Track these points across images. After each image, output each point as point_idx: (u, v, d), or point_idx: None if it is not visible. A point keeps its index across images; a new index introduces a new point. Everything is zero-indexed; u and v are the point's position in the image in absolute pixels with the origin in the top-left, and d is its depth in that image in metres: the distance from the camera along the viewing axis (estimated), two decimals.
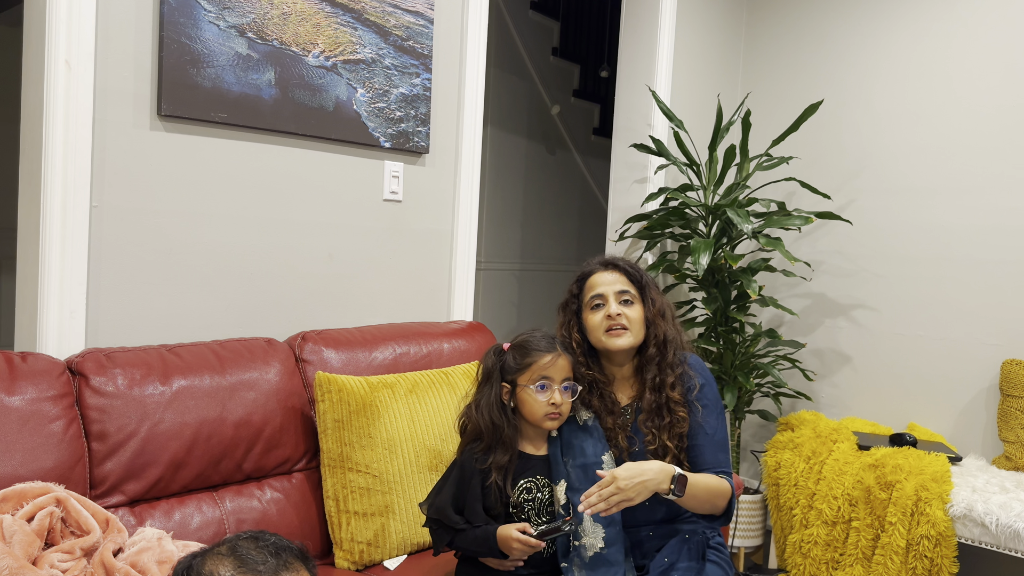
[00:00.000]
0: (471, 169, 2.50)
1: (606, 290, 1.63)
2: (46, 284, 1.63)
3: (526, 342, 1.57)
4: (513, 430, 1.55)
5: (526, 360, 1.55)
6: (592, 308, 1.63)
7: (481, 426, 1.54)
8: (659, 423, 1.59)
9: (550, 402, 1.54)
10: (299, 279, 2.09)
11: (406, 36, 2.24)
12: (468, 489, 1.52)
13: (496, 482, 1.51)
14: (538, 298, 4.41)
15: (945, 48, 2.99)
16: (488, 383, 1.57)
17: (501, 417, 1.54)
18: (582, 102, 4.65)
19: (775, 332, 2.97)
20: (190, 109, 1.81)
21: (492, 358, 1.59)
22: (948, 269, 2.97)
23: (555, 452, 1.60)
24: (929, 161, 3.02)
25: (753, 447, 3.47)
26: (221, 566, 0.94)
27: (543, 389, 1.54)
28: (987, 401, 2.87)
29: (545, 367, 1.54)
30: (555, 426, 1.58)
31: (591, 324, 1.63)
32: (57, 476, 1.43)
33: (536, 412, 1.55)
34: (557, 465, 1.59)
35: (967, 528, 2.29)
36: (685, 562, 1.55)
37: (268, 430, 1.75)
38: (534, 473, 1.58)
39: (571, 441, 1.61)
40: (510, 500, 1.53)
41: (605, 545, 1.51)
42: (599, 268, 1.67)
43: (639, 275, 1.66)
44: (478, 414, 1.55)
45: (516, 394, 1.56)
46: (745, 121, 2.97)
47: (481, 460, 1.53)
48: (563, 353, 1.57)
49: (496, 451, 1.53)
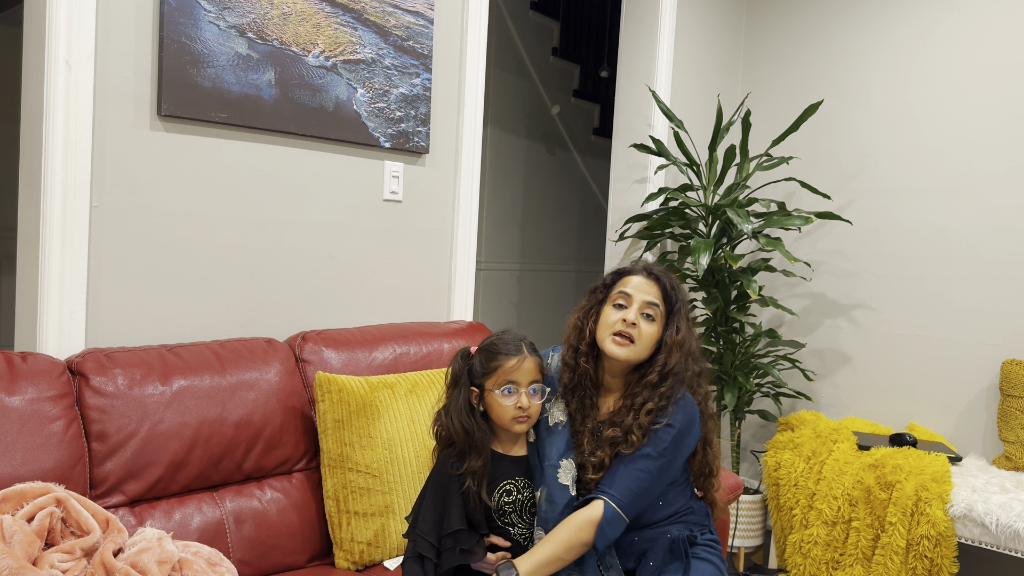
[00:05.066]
0: (471, 169, 2.50)
1: (635, 295, 1.58)
2: (46, 284, 1.63)
3: (492, 345, 1.54)
4: (484, 434, 1.52)
5: (492, 364, 1.52)
6: (614, 305, 1.59)
7: (452, 431, 1.51)
8: (612, 438, 1.54)
9: (517, 405, 1.50)
10: (299, 279, 2.09)
11: (406, 36, 2.24)
12: (448, 496, 1.49)
13: (471, 488, 1.49)
14: (538, 298, 4.41)
15: (945, 48, 2.99)
16: (456, 387, 1.55)
17: (471, 421, 1.51)
18: (582, 102, 4.65)
19: (775, 332, 2.97)
20: (190, 109, 1.81)
21: (459, 362, 1.56)
22: (948, 269, 2.97)
23: (532, 455, 1.59)
24: (929, 161, 3.02)
25: (753, 447, 3.47)
26: None
27: (509, 393, 1.51)
28: (987, 401, 2.87)
29: (511, 371, 1.51)
30: (524, 429, 1.56)
31: (605, 319, 1.59)
32: (57, 476, 1.43)
33: (504, 416, 1.52)
34: (536, 468, 1.57)
35: (967, 528, 2.29)
36: (671, 564, 1.54)
37: (268, 430, 1.75)
38: (513, 475, 1.56)
39: (543, 442, 1.59)
40: (490, 505, 1.51)
41: None
42: (641, 272, 1.62)
43: (675, 298, 1.60)
44: (448, 419, 1.52)
45: (484, 398, 1.53)
46: (745, 121, 2.97)
47: (456, 465, 1.51)
48: (530, 355, 1.53)
49: (470, 456, 1.50)
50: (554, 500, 1.53)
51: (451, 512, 1.48)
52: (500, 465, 1.56)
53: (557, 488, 1.54)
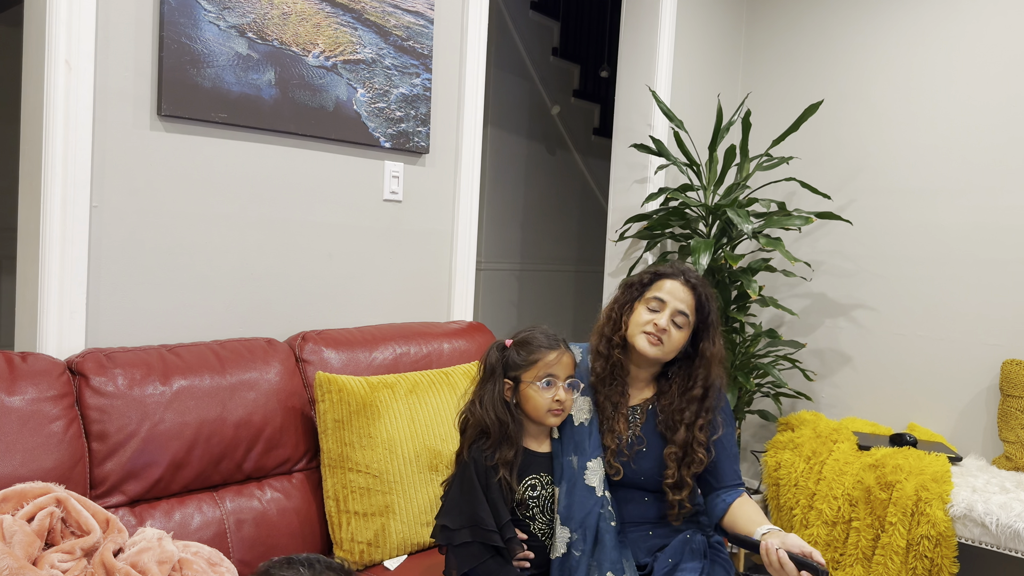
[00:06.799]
0: (471, 169, 2.50)
1: (670, 301, 1.63)
2: (46, 284, 1.63)
3: (531, 338, 1.58)
4: (518, 426, 1.56)
5: (532, 357, 1.55)
6: (648, 307, 1.64)
7: (487, 422, 1.53)
8: (680, 458, 1.62)
9: (555, 398, 1.54)
10: (299, 279, 2.09)
11: (406, 36, 2.24)
12: (488, 487, 1.50)
13: (504, 478, 1.50)
14: (538, 298, 4.41)
15: (945, 48, 2.99)
16: (491, 379, 1.57)
17: (505, 413, 1.54)
18: (582, 102, 4.64)
19: (775, 332, 2.97)
20: (190, 109, 1.81)
21: (495, 354, 1.59)
22: (948, 269, 2.97)
23: (557, 451, 1.61)
24: (929, 161, 3.02)
25: (753, 447, 3.47)
26: None
27: (548, 386, 1.54)
28: (987, 401, 2.87)
29: (551, 364, 1.55)
30: (557, 422, 1.59)
31: (637, 318, 1.65)
32: (57, 476, 1.43)
33: (540, 408, 1.55)
34: (558, 465, 1.60)
35: (967, 528, 2.29)
36: (690, 562, 1.56)
37: (268, 430, 1.75)
38: (538, 470, 1.58)
39: (568, 441, 1.62)
40: (517, 497, 1.53)
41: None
42: (680, 278, 1.66)
43: (708, 310, 1.66)
44: (482, 410, 1.54)
45: (519, 390, 1.56)
46: (745, 121, 2.97)
47: (490, 457, 1.52)
48: (567, 350, 1.58)
49: (502, 447, 1.53)
50: (582, 501, 1.55)
51: (498, 505, 1.49)
52: (527, 459, 1.58)
53: (584, 489, 1.56)
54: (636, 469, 1.63)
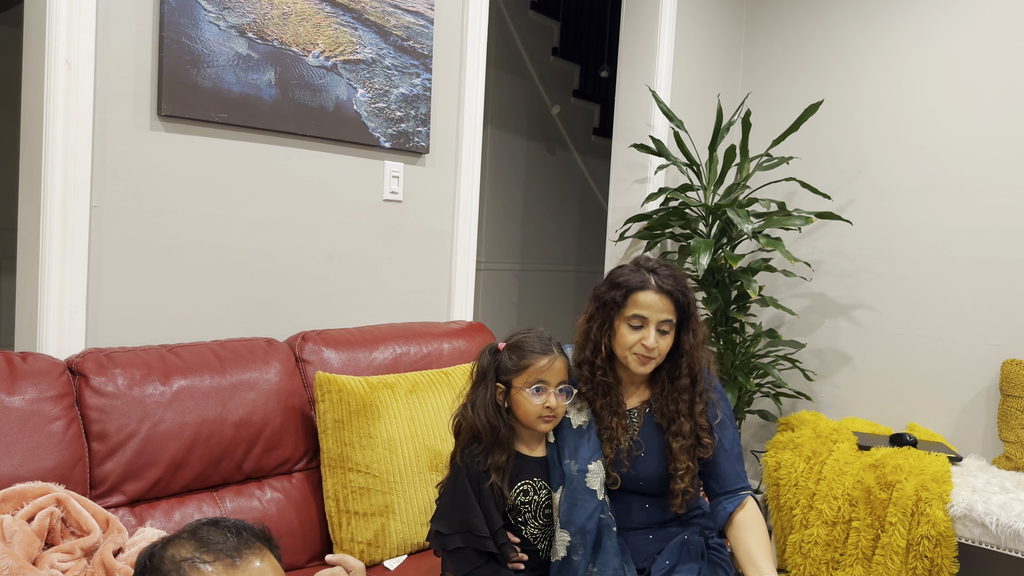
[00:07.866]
0: (471, 169, 2.50)
1: (650, 316, 1.59)
2: (46, 284, 1.63)
3: (523, 343, 1.54)
4: (509, 430, 1.53)
5: (523, 362, 1.52)
6: (631, 326, 1.60)
7: (478, 426, 1.51)
8: (686, 446, 1.61)
9: (545, 405, 1.51)
10: (299, 279, 2.09)
11: (406, 36, 2.24)
12: (482, 493, 1.49)
13: (496, 483, 1.49)
14: (538, 298, 4.41)
15: (946, 48, 2.99)
16: (483, 383, 1.54)
17: (497, 417, 1.51)
18: (582, 102, 4.65)
19: (775, 332, 2.97)
20: (190, 109, 1.81)
21: (487, 357, 1.56)
22: (948, 269, 2.97)
23: (552, 456, 1.59)
24: (929, 161, 3.02)
25: (753, 447, 3.47)
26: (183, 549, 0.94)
27: (539, 392, 1.51)
28: (987, 401, 2.87)
29: (542, 370, 1.51)
30: (548, 429, 1.56)
31: (623, 339, 1.60)
32: (57, 476, 1.43)
33: (530, 414, 1.52)
34: (555, 469, 1.58)
35: (967, 528, 2.29)
36: (686, 564, 1.56)
37: (268, 430, 1.75)
38: (531, 475, 1.56)
39: (566, 445, 1.59)
40: (509, 502, 1.52)
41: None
42: (653, 290, 1.60)
43: (686, 302, 1.62)
44: (474, 414, 1.52)
45: (510, 395, 1.53)
46: (745, 121, 2.97)
47: (482, 462, 1.51)
48: (559, 355, 1.54)
49: (494, 452, 1.51)
50: (582, 505, 1.53)
51: (491, 510, 1.49)
52: (519, 464, 1.56)
53: (585, 493, 1.54)
54: (635, 475, 1.62)
